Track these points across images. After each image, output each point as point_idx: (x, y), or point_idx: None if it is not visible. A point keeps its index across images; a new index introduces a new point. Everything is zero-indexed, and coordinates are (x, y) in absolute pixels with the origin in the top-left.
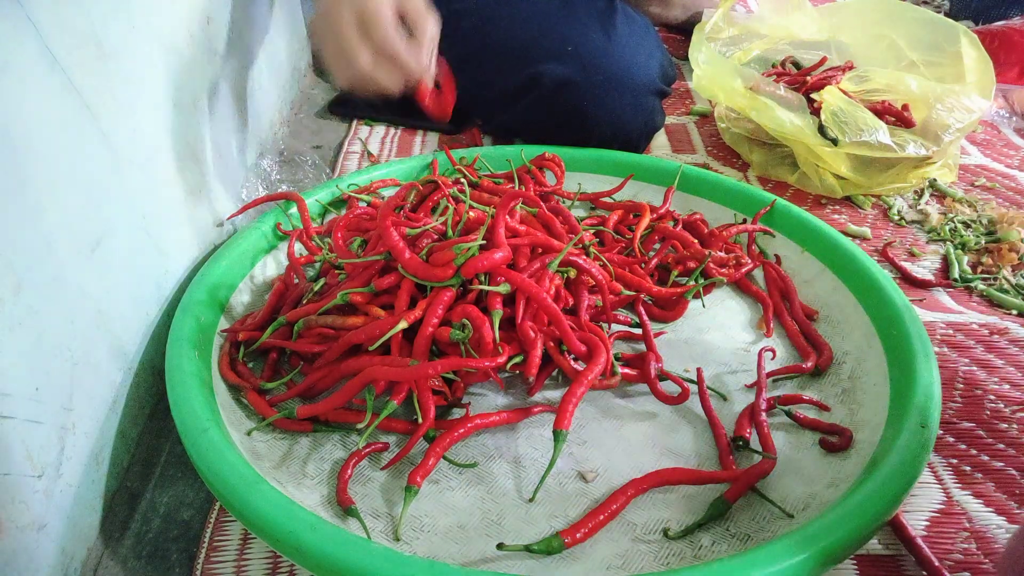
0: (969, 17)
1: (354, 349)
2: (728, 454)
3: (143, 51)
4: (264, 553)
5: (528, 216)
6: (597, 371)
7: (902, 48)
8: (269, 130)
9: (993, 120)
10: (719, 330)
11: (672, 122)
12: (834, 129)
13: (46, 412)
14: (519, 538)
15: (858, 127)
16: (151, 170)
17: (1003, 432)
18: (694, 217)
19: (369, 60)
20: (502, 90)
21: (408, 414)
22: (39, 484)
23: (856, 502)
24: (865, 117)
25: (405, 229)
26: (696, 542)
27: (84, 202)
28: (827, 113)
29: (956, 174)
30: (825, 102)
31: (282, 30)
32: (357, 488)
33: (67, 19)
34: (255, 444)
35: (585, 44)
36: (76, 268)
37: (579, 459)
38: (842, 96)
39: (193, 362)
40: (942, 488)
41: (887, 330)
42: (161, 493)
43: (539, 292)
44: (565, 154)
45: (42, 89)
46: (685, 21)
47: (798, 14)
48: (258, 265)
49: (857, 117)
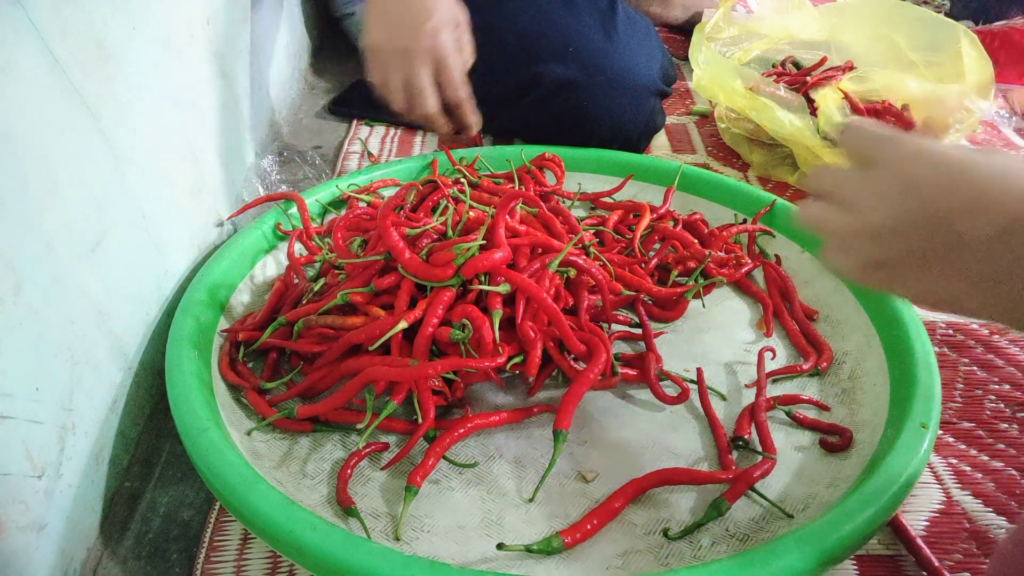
0: (969, 17)
1: (354, 349)
2: (728, 454)
3: (143, 51)
4: (264, 553)
5: (528, 216)
6: (597, 371)
7: (902, 48)
8: (269, 130)
9: (993, 120)
10: (719, 330)
11: (672, 122)
12: (831, 134)
13: (46, 412)
14: (519, 538)
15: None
16: (151, 170)
17: (1003, 432)
18: (694, 217)
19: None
20: (502, 90)
21: (408, 414)
22: (39, 484)
23: (856, 502)
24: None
25: (405, 229)
26: (696, 542)
27: (84, 202)
28: (823, 117)
29: None
30: (821, 108)
31: (282, 30)
32: (357, 488)
33: (68, 20)
34: (255, 444)
35: (586, 44)
36: (76, 268)
37: (579, 459)
38: (837, 101)
39: (193, 362)
40: (942, 488)
41: (887, 330)
42: (161, 493)
43: (539, 292)
44: (565, 154)
45: (42, 89)
46: (686, 21)
47: (798, 14)
48: (258, 265)
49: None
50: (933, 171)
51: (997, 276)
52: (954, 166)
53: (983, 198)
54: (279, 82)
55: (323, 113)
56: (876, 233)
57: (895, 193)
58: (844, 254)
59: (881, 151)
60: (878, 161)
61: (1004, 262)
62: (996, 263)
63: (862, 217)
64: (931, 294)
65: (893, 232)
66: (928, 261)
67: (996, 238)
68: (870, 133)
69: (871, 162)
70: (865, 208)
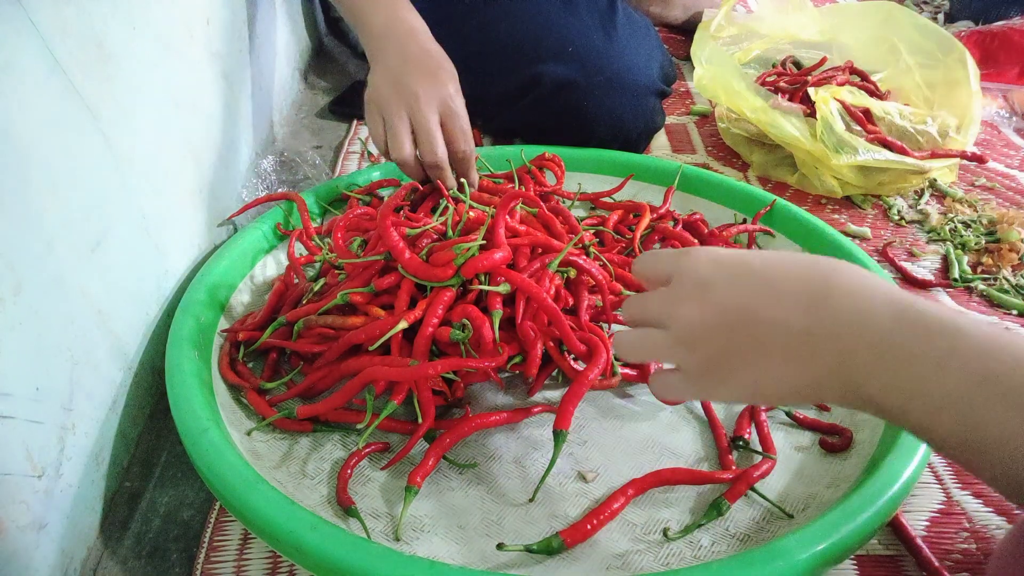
0: (969, 17)
1: (354, 349)
2: (728, 454)
3: (143, 52)
4: (264, 553)
5: (528, 216)
6: (597, 371)
7: (901, 52)
8: (269, 130)
9: (993, 120)
10: None
11: (672, 122)
12: (829, 147)
13: (46, 412)
14: (519, 538)
15: (853, 147)
16: (151, 170)
17: None
18: (694, 217)
19: (445, 151)
20: (502, 90)
21: (408, 414)
22: (39, 484)
23: (856, 502)
24: (855, 143)
25: (405, 229)
26: (696, 542)
27: (84, 202)
28: (822, 123)
29: (956, 174)
30: (820, 115)
31: (282, 30)
32: (357, 488)
33: (68, 20)
34: (255, 444)
35: (586, 44)
36: (76, 268)
37: (579, 459)
38: (833, 117)
39: (193, 362)
40: (942, 488)
41: None
42: (161, 493)
43: (539, 292)
44: (565, 154)
45: (43, 90)
46: (685, 21)
47: (799, 14)
48: (258, 265)
49: (846, 140)
50: (719, 270)
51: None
52: (736, 263)
53: (774, 287)
54: (279, 82)
55: (323, 113)
56: (689, 339)
57: (694, 297)
58: (666, 375)
59: (672, 265)
60: (672, 275)
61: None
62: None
63: (673, 329)
64: (760, 385)
65: (704, 332)
66: (742, 351)
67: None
68: (659, 255)
69: (668, 279)
70: (673, 320)
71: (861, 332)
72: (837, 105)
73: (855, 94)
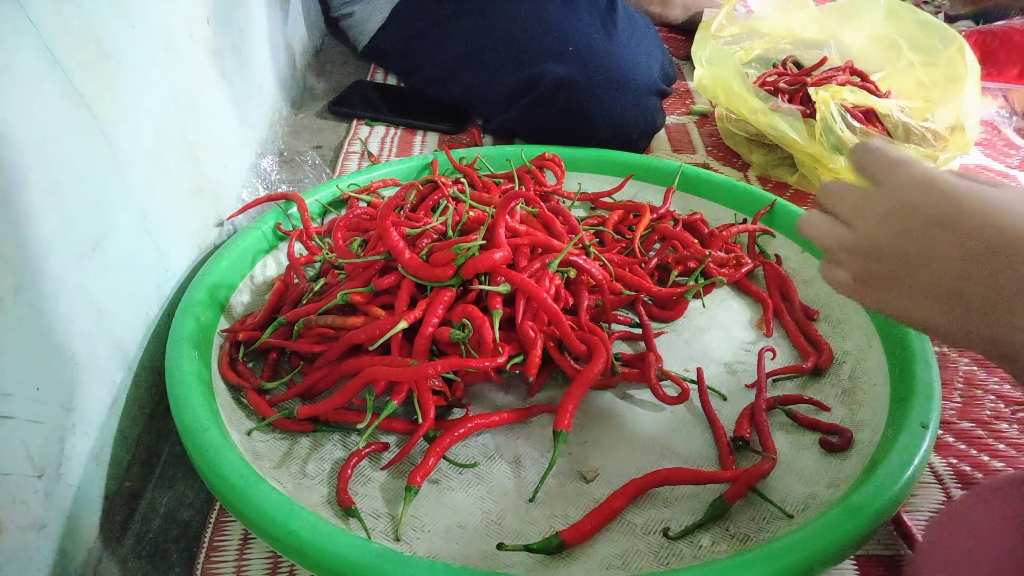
0: (969, 16)
1: (354, 349)
2: (728, 454)
3: (143, 51)
4: (264, 553)
5: (528, 216)
6: (597, 371)
7: (902, 48)
8: (269, 130)
9: (993, 120)
10: (719, 330)
11: (672, 122)
12: (827, 148)
13: (46, 412)
14: (519, 538)
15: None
16: (151, 170)
17: (1003, 432)
18: (694, 217)
19: None
20: (502, 90)
21: (408, 414)
22: (39, 484)
23: (856, 502)
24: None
25: (405, 229)
26: (696, 542)
27: (84, 202)
28: (821, 123)
29: None
30: (820, 115)
31: (282, 30)
32: (357, 488)
33: (67, 20)
34: (255, 444)
35: (586, 44)
36: (76, 268)
37: (579, 459)
38: (833, 118)
39: (193, 362)
40: (942, 488)
41: (887, 330)
42: (161, 493)
43: (539, 292)
44: (565, 154)
45: (42, 89)
46: (686, 21)
47: (800, 13)
48: (258, 265)
49: (845, 140)
50: (927, 199)
51: (967, 302)
52: (950, 195)
53: (963, 222)
54: (279, 82)
55: (323, 113)
56: (866, 251)
57: (890, 216)
58: (838, 267)
59: (886, 173)
60: (882, 182)
61: (974, 288)
62: (965, 286)
63: (857, 234)
64: (907, 315)
65: (880, 252)
66: (902, 281)
67: (967, 260)
68: (880, 154)
69: (876, 182)
70: (861, 226)
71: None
72: (837, 105)
73: (856, 93)
